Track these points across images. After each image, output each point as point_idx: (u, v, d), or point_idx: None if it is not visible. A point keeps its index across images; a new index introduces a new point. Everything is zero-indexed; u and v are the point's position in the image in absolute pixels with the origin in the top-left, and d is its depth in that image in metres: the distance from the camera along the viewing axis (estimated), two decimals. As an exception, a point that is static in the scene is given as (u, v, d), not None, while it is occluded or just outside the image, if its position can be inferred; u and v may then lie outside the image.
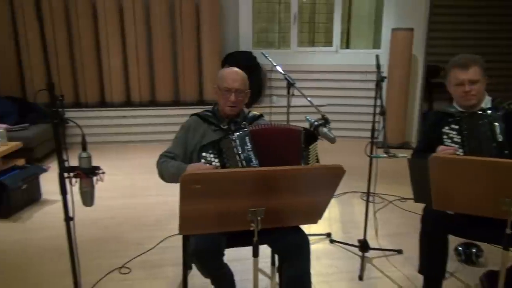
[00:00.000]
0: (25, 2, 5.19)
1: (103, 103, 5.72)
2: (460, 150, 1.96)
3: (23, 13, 5.22)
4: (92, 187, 1.58)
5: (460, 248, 2.58)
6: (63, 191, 1.49)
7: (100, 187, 1.67)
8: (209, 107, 2.15)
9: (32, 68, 5.39)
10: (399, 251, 2.73)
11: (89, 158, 1.57)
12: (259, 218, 1.39)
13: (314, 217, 1.60)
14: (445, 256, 2.04)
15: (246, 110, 2.15)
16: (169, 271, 2.51)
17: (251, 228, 1.42)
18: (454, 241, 2.09)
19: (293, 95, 2.69)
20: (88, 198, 1.58)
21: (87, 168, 1.54)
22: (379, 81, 2.31)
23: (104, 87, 5.68)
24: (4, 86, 5.38)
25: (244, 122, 2.02)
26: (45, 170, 3.67)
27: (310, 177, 1.44)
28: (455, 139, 1.98)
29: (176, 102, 5.84)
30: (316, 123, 1.90)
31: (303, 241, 1.82)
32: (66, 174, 1.50)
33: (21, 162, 4.14)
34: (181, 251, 2.01)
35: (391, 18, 5.60)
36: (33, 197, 3.55)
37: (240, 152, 1.79)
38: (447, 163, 1.57)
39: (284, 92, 2.79)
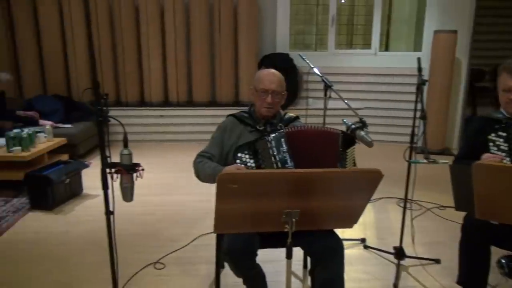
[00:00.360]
0: (73, 5, 5.45)
1: (142, 103, 5.90)
2: (508, 159, 1.87)
3: (71, 16, 5.48)
4: (132, 183, 1.63)
5: (503, 261, 2.44)
6: (105, 186, 1.55)
7: (138, 184, 1.72)
8: (245, 108, 2.16)
9: (78, 68, 5.65)
10: (437, 261, 2.64)
11: (130, 155, 1.62)
12: (293, 220, 1.39)
13: (349, 222, 1.58)
14: (487, 268, 1.95)
15: (282, 111, 2.15)
16: (202, 269, 2.55)
17: (285, 230, 1.42)
18: (497, 252, 1.99)
19: (330, 97, 2.66)
20: (128, 193, 1.63)
21: (128, 165, 1.60)
22: (420, 85, 2.24)
23: (143, 87, 5.86)
24: (52, 85, 5.67)
25: (280, 124, 2.02)
26: (87, 166, 3.83)
27: (347, 181, 1.42)
28: (502, 147, 1.89)
29: (212, 103, 5.93)
30: (353, 126, 1.87)
31: (337, 245, 1.80)
32: (108, 170, 1.56)
33: (65, 157, 4.34)
34: (214, 250, 2.04)
35: (433, 20, 5.43)
36: (75, 191, 3.71)
37: (275, 154, 1.79)
38: (492, 171, 1.51)
39: (321, 94, 2.77)
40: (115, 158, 1.71)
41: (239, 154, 1.82)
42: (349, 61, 5.92)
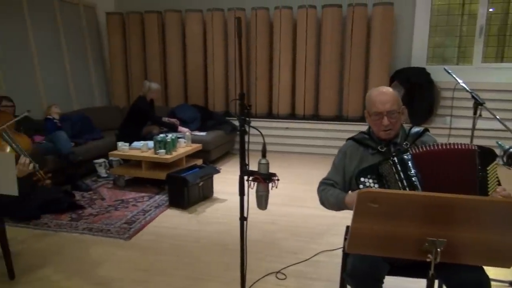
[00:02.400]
0: (215, 25, 5.96)
1: (270, 114, 6.12)
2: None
3: (212, 36, 6.00)
4: (267, 192, 1.68)
5: None
6: (242, 192, 1.61)
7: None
8: (363, 127, 2.02)
9: (215, 80, 6.13)
10: None
11: (267, 164, 1.67)
12: (438, 249, 1.25)
13: (504, 260, 1.36)
14: None
15: (406, 126, 1.95)
16: (321, 286, 2.49)
17: (427, 260, 1.28)
18: None
19: (480, 116, 2.36)
20: (263, 201, 1.68)
21: (265, 174, 1.64)
22: None
23: (272, 99, 6.08)
24: (192, 95, 6.27)
25: (405, 142, 1.83)
26: (218, 171, 4.11)
27: (498, 210, 1.22)
28: None
29: (339, 117, 5.83)
30: (511, 149, 1.62)
31: (484, 283, 1.56)
32: (246, 177, 1.63)
33: (199, 162, 4.72)
34: (334, 268, 1.97)
35: None
36: (206, 194, 4.00)
37: (402, 177, 1.64)
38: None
39: (464, 112, 2.48)
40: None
41: (362, 179, 1.71)
42: (497, 76, 5.23)
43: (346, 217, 3.33)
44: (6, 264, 2.52)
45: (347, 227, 2.01)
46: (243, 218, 1.64)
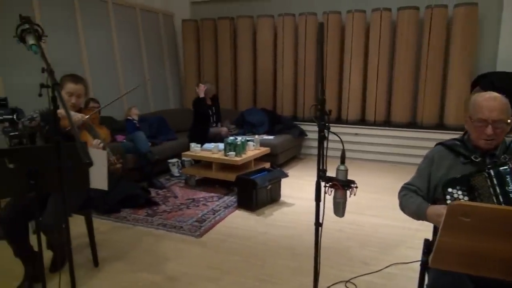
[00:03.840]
0: (286, 26, 6.00)
1: (338, 119, 6.01)
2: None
3: (283, 37, 6.05)
4: (345, 199, 1.65)
5: None
6: (318, 198, 1.60)
7: (329, 198, 1.71)
8: (449, 133, 1.88)
9: (284, 84, 6.16)
10: None
11: (346, 171, 1.64)
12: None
13: None
14: None
15: (507, 139, 1.78)
16: (395, 300, 2.39)
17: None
18: None
19: None
20: (340, 209, 1.66)
21: (343, 180, 1.62)
22: None
23: (341, 104, 5.97)
24: (261, 99, 6.36)
25: (504, 155, 1.67)
26: (286, 175, 4.11)
27: None
28: None
29: (412, 124, 5.57)
30: None
31: None
32: (323, 183, 1.61)
33: (266, 165, 4.76)
34: (407, 281, 1.88)
35: None
36: (274, 197, 4.03)
37: (498, 192, 1.51)
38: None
39: None
40: (308, 172, 1.76)
41: (449, 189, 1.59)
42: None
43: (420, 229, 3.20)
44: (92, 252, 2.74)
45: (426, 240, 1.91)
46: (318, 224, 1.62)
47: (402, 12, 5.33)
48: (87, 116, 2.51)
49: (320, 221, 1.62)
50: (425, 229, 2.06)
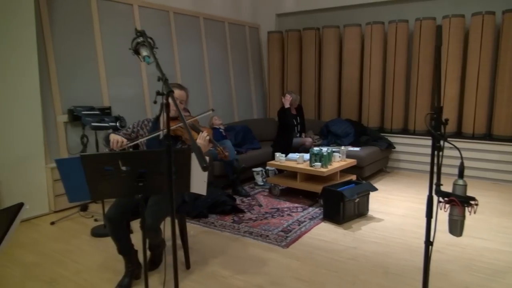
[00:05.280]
0: (374, 35, 5.80)
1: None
2: None
3: (371, 46, 5.85)
4: (463, 217, 1.49)
5: None
6: (429, 214, 1.47)
7: (422, 215, 1.56)
8: None
9: (370, 94, 5.94)
10: None
11: (465, 186, 1.49)
12: None
13: None
14: None
15: None
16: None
17: None
18: None
19: None
20: (458, 227, 1.51)
21: (462, 196, 1.47)
22: None
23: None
24: (345, 110, 6.20)
25: None
26: (375, 189, 3.92)
27: None
28: None
29: (518, 138, 5.02)
30: None
31: None
32: (439, 199, 1.48)
33: (352, 177, 4.60)
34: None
35: None
36: (361, 211, 3.85)
37: None
38: None
39: None
40: (396, 186, 1.61)
41: None
42: None
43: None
44: (185, 255, 2.83)
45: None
46: (428, 242, 1.48)
47: (507, 15, 4.85)
48: (195, 118, 2.72)
49: (431, 239, 1.48)
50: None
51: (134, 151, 2.00)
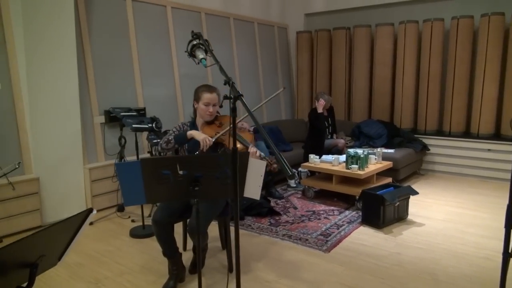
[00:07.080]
0: (408, 34, 5.67)
1: (467, 134, 5.47)
2: None
3: (404, 46, 5.72)
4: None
5: None
6: (509, 224, 1.40)
7: (468, 222, 1.48)
8: None
9: (403, 95, 5.81)
10: None
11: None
12: None
13: None
14: None
15: None
16: None
17: None
18: None
19: None
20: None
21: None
22: None
23: (471, 117, 5.43)
24: (377, 111, 6.08)
25: None
26: (416, 193, 3.81)
27: None
28: None
29: None
30: None
31: None
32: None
33: (387, 180, 4.50)
34: None
35: None
36: (401, 215, 3.76)
37: None
38: None
39: None
40: (432, 189, 1.54)
41: None
42: None
43: None
44: (228, 258, 2.81)
45: None
46: (506, 254, 1.41)
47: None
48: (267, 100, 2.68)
49: (510, 251, 1.40)
50: None
51: (193, 155, 1.98)
